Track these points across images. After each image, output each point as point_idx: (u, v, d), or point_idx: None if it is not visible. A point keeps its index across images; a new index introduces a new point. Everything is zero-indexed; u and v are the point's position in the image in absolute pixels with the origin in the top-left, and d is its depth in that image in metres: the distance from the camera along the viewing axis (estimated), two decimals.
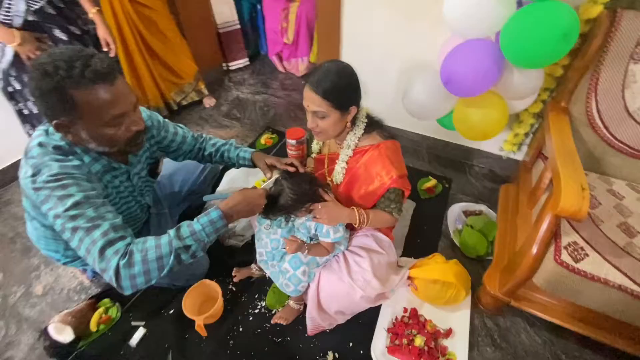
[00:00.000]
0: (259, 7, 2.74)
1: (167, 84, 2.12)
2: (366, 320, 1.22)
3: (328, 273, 1.13)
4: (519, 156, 1.74)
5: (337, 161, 1.13)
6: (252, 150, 1.21)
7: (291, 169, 1.07)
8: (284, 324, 1.20)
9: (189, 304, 1.18)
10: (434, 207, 1.66)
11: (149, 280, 0.81)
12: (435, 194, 1.73)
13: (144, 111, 1.05)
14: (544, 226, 0.96)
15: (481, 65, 1.15)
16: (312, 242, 1.10)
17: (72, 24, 1.37)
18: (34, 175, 0.79)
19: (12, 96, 1.39)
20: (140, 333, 1.19)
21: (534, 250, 0.99)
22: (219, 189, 1.60)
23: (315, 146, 1.26)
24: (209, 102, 2.39)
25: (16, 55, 1.25)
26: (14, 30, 1.20)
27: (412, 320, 1.21)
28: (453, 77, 1.21)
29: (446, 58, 1.23)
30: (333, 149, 1.18)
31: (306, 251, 1.06)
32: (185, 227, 0.85)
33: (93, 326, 1.20)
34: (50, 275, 1.39)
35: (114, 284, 0.79)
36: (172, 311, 1.25)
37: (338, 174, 1.13)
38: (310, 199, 1.02)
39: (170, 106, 2.20)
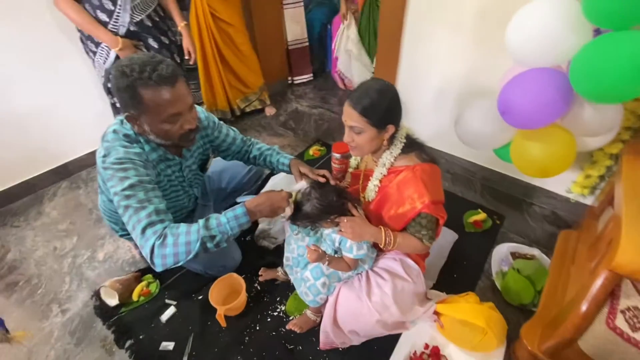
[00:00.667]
0: (329, 26, 2.89)
1: (234, 92, 2.34)
2: (382, 347, 1.17)
3: (347, 290, 1.11)
4: (591, 201, 1.53)
5: (370, 178, 1.13)
6: (291, 157, 1.27)
7: (321, 180, 1.09)
8: (298, 331, 1.21)
9: (215, 293, 1.26)
10: (479, 242, 1.54)
11: (177, 262, 0.91)
12: (483, 228, 1.60)
13: (202, 112, 1.19)
14: (598, 282, 0.83)
15: (544, 96, 1.06)
16: (335, 255, 1.11)
17: (163, 35, 1.61)
18: (104, 156, 0.95)
19: (109, 91, 1.67)
20: (171, 311, 1.31)
21: (584, 307, 0.86)
22: (263, 191, 1.69)
23: (353, 161, 1.27)
24: (269, 111, 2.56)
25: (117, 58, 1.51)
26: (118, 38, 1.46)
27: (431, 359, 1.12)
28: (511, 107, 1.13)
29: (505, 86, 1.16)
30: (370, 165, 1.18)
31: (327, 263, 1.07)
32: (214, 219, 0.94)
33: (135, 296, 1.35)
34: (112, 245, 1.61)
35: (148, 260, 0.90)
36: (201, 297, 1.35)
37: (370, 191, 1.13)
38: (336, 211, 1.03)
39: (235, 111, 2.42)
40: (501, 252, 1.46)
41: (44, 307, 1.36)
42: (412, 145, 1.09)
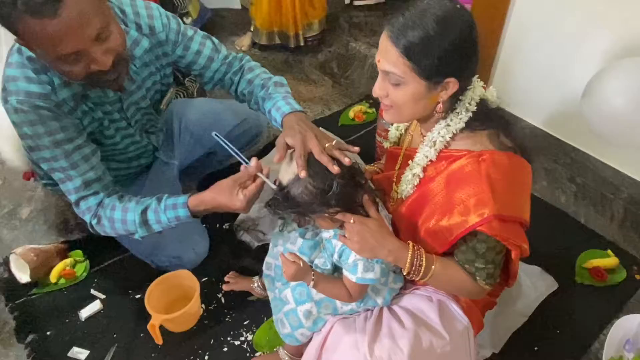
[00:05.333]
0: None
1: (302, 14, 2.44)
2: None
3: (343, 330, 1.09)
4: None
5: (411, 162, 1.07)
6: (292, 110, 1.17)
7: (332, 168, 0.98)
8: None
9: (157, 294, 1.32)
10: (593, 302, 1.44)
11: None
12: (606, 283, 1.47)
13: (158, 18, 1.17)
14: None
15: None
16: (334, 275, 1.09)
17: None
18: (3, 90, 1.03)
19: None
20: (95, 307, 1.41)
21: None
22: (267, 157, 1.64)
23: (393, 132, 1.23)
24: None
25: None
26: None
27: None
28: None
29: None
30: (415, 142, 1.12)
31: (312, 283, 1.04)
32: (152, 213, 1.14)
33: (53, 277, 1.47)
34: (42, 202, 1.76)
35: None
36: (139, 296, 1.42)
37: (407, 183, 1.07)
38: (339, 203, 0.98)
39: (299, 40, 2.48)
40: (629, 326, 1.33)
41: None
42: (488, 119, 1.00)
